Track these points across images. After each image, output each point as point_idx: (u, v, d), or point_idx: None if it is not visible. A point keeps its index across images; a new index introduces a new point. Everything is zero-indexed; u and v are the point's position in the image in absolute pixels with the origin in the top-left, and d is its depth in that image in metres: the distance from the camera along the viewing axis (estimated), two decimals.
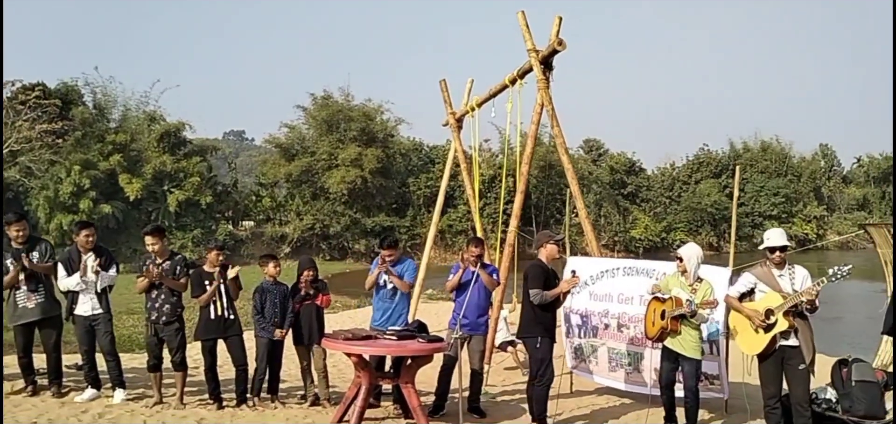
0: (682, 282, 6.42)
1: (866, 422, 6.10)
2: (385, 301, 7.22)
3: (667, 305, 6.35)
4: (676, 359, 6.39)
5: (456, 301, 7.23)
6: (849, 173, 69.19)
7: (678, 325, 6.27)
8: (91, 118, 42.01)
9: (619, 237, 51.60)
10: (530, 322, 6.45)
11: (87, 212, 36.48)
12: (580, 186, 9.24)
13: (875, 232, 7.46)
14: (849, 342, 9.91)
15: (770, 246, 5.90)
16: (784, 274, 5.83)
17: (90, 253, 7.02)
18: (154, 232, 7.09)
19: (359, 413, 6.16)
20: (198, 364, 8.03)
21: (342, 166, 46.14)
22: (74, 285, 6.99)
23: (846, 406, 6.27)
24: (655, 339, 6.51)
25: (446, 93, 12.43)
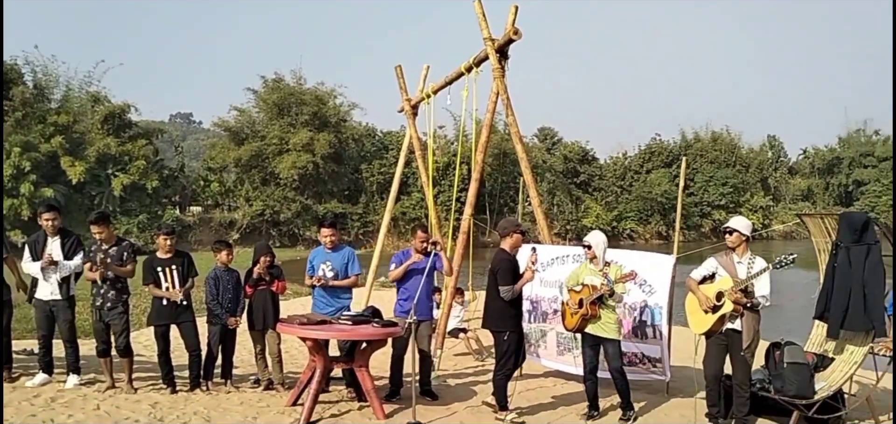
0: (593, 269, 6.68)
1: (796, 401, 6.40)
2: (328, 289, 7.25)
3: (582, 293, 6.61)
4: (597, 344, 6.66)
5: (401, 288, 7.34)
6: (795, 164, 71.21)
7: (597, 309, 6.54)
8: (31, 98, 40.32)
9: (571, 225, 52.33)
10: (500, 315, 6.53)
11: (28, 195, 35.32)
12: (534, 175, 9.41)
13: (810, 221, 7.69)
14: (787, 327, 10.33)
15: (725, 226, 6.32)
16: (743, 262, 6.15)
17: (56, 238, 6.96)
18: (99, 220, 6.96)
19: (313, 396, 6.24)
20: (152, 350, 7.97)
21: (293, 151, 45.44)
22: (35, 272, 6.92)
23: (778, 387, 6.59)
24: (576, 329, 6.76)
25: (402, 79, 12.47)
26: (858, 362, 6.58)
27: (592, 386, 6.78)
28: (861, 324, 6.40)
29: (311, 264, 7.37)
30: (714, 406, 6.29)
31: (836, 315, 6.57)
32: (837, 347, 6.88)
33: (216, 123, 50.50)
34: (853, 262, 6.45)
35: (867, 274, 6.35)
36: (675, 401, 7.45)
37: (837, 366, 6.82)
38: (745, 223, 6.34)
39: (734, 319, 6.07)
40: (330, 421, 6.26)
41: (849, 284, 6.45)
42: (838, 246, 6.67)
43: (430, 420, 6.26)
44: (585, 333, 6.69)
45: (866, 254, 6.38)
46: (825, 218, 7.35)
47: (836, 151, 67.90)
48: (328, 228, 7.34)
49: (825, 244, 7.23)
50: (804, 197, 64.96)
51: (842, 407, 6.62)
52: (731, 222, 6.33)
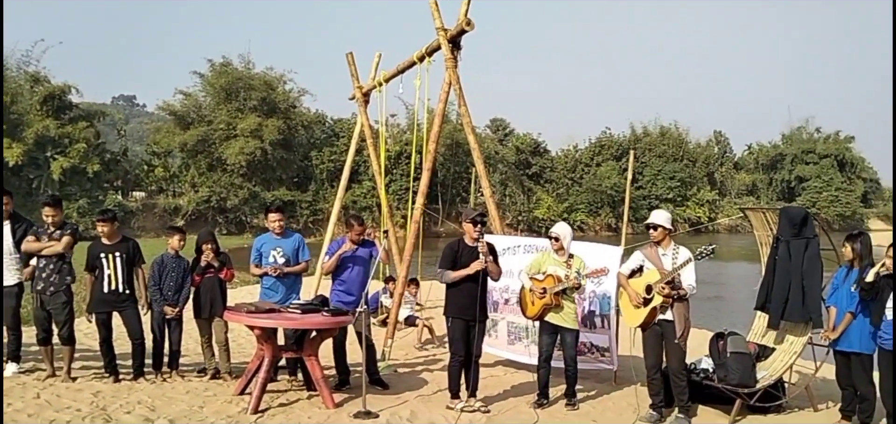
0: (557, 260, 6.76)
1: (739, 390, 6.59)
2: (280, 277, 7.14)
3: (546, 283, 6.69)
4: (555, 333, 6.76)
5: (336, 278, 7.26)
6: (740, 160, 73.03)
7: (560, 300, 6.63)
8: None
9: (522, 216, 52.80)
10: (445, 301, 6.58)
11: None
12: (486, 165, 9.43)
13: (753, 215, 7.95)
14: (730, 318, 10.64)
15: (648, 222, 6.47)
16: (667, 254, 6.28)
17: (7, 223, 6.78)
18: (53, 202, 6.84)
19: (261, 385, 6.14)
20: (92, 338, 7.76)
21: (241, 136, 44.64)
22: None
23: (721, 376, 6.79)
24: (536, 318, 6.84)
25: (353, 66, 12.34)
26: (798, 352, 6.85)
27: (545, 374, 6.88)
28: (800, 315, 6.67)
29: (259, 251, 7.23)
30: (656, 394, 6.41)
31: (777, 306, 6.84)
32: (778, 337, 7.14)
33: (161, 107, 49.22)
34: (793, 255, 6.71)
35: (806, 267, 6.63)
36: (623, 390, 7.58)
37: (778, 356, 7.08)
38: (666, 216, 6.49)
39: (665, 310, 6.20)
40: (278, 411, 6.17)
41: (788, 276, 6.72)
42: (779, 240, 6.93)
43: (380, 409, 6.22)
44: (545, 322, 6.77)
45: (805, 248, 6.66)
46: (767, 212, 7.59)
47: (779, 148, 70.10)
48: (276, 213, 7.24)
49: (767, 237, 7.46)
50: (749, 191, 66.76)
51: (782, 396, 6.88)
52: (653, 217, 6.44)
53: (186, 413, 5.96)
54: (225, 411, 6.05)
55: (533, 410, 6.63)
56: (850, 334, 6.09)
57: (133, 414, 5.83)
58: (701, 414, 6.74)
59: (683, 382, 6.31)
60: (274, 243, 7.19)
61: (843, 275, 6.30)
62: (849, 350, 6.13)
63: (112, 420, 5.66)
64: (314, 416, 6.06)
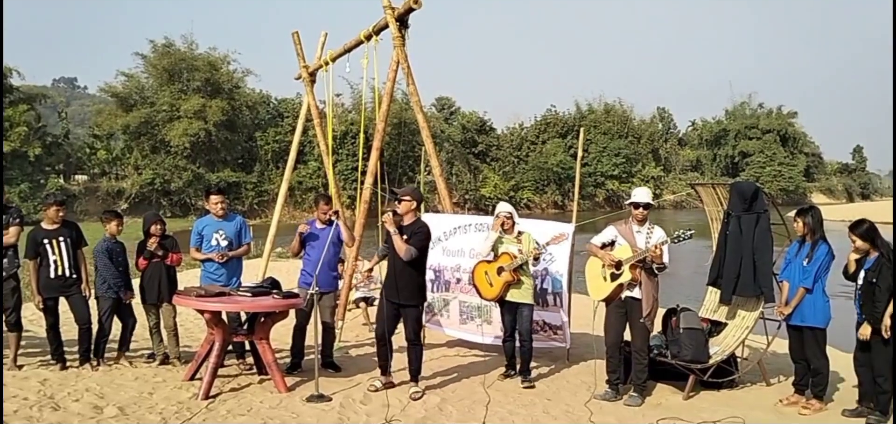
0: (509, 238, 6.82)
1: (692, 366, 6.64)
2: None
3: (502, 261, 6.73)
4: (514, 309, 6.82)
5: (305, 258, 7.25)
6: (684, 135, 74.55)
7: (519, 275, 6.70)
8: None
9: (469, 195, 53.06)
10: None
11: None
12: (433, 144, 9.42)
13: (703, 191, 7.96)
14: (681, 293, 10.81)
15: (633, 201, 6.44)
16: (642, 232, 6.31)
17: None
18: None
19: (212, 370, 6.03)
20: (37, 324, 7.60)
21: (184, 118, 43.96)
22: None
23: (675, 352, 6.83)
24: (497, 298, 6.88)
25: (299, 45, 12.11)
26: (750, 326, 6.93)
27: (510, 347, 6.98)
28: (751, 290, 6.73)
29: (200, 234, 7.12)
30: (613, 371, 6.47)
31: (729, 281, 6.87)
32: (730, 313, 7.20)
33: (103, 89, 48.44)
34: (744, 230, 6.75)
35: (757, 242, 6.67)
36: (576, 367, 7.65)
37: (730, 331, 7.15)
38: (648, 193, 6.55)
39: (633, 287, 6.24)
40: (230, 396, 6.07)
41: (740, 251, 6.75)
42: (730, 215, 6.96)
43: (333, 392, 6.19)
44: (504, 300, 6.82)
45: (756, 223, 6.70)
46: (717, 187, 7.62)
47: (722, 124, 71.70)
48: (218, 195, 7.20)
49: (717, 212, 7.51)
50: (693, 167, 68.30)
51: (735, 371, 6.96)
52: (638, 196, 6.44)
53: (136, 399, 5.82)
54: (175, 397, 5.93)
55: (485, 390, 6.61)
56: (803, 308, 6.12)
57: (81, 402, 5.68)
58: (654, 391, 6.80)
59: (645, 361, 6.36)
60: (216, 225, 7.09)
61: (794, 250, 6.34)
62: (802, 324, 6.16)
63: (60, 409, 5.51)
64: (266, 400, 5.98)
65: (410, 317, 6.31)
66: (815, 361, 6.16)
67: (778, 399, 6.55)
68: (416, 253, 6.15)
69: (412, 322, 6.33)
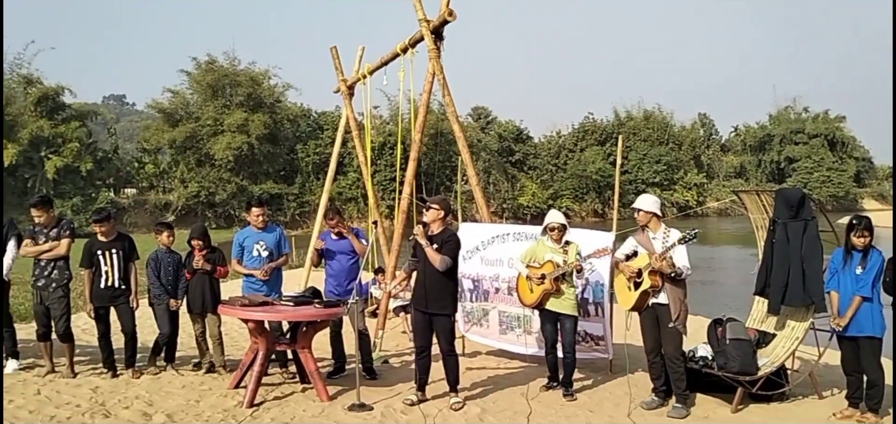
0: (555, 248, 6.77)
1: (740, 378, 6.43)
2: (261, 265, 7.18)
3: (544, 269, 6.69)
4: (556, 320, 6.76)
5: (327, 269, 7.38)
6: (727, 141, 72.34)
7: (559, 285, 6.65)
8: None
9: (507, 204, 52.84)
10: None
11: None
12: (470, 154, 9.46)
13: (747, 198, 7.72)
14: (725, 304, 10.58)
15: (634, 206, 6.47)
16: (657, 237, 6.26)
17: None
18: (40, 204, 6.88)
19: (256, 379, 6.13)
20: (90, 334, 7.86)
21: (228, 132, 44.97)
22: None
23: (721, 363, 6.60)
24: (535, 305, 6.84)
25: (337, 60, 12.31)
26: (800, 338, 6.66)
27: (553, 359, 6.91)
28: (801, 299, 6.48)
29: (241, 245, 7.28)
30: (658, 378, 6.37)
31: (777, 291, 6.64)
32: (778, 323, 6.96)
33: (150, 105, 49.83)
34: (791, 238, 6.53)
35: (805, 250, 6.43)
36: (619, 379, 7.52)
37: (779, 342, 6.90)
38: (649, 200, 6.47)
39: (658, 293, 6.16)
40: (273, 404, 6.16)
41: (787, 260, 6.53)
42: (776, 223, 6.74)
43: (374, 402, 6.22)
44: (545, 310, 6.77)
45: (804, 230, 6.49)
46: (761, 194, 7.42)
47: (766, 129, 69.39)
48: (259, 208, 7.35)
49: (762, 220, 7.30)
50: (737, 174, 66.36)
51: (785, 383, 6.72)
52: (636, 202, 6.46)
53: (183, 407, 5.97)
54: (221, 405, 6.05)
55: (527, 400, 6.57)
56: (860, 318, 5.86)
57: (131, 409, 5.87)
58: (701, 403, 6.62)
59: (681, 369, 6.23)
60: (256, 236, 7.24)
61: (840, 258, 6.08)
62: (859, 334, 5.90)
63: (111, 416, 5.69)
64: (309, 409, 6.06)
65: (443, 327, 6.25)
66: (871, 373, 5.92)
67: (831, 412, 6.31)
68: (451, 262, 6.15)
69: (445, 332, 6.27)
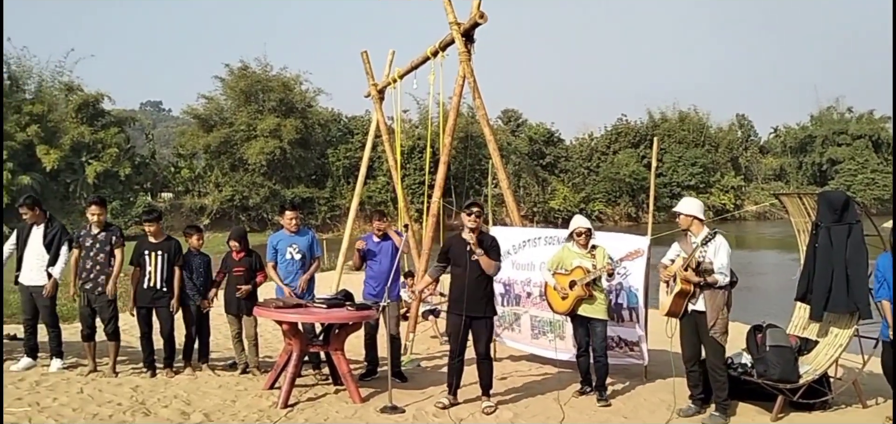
0: (582, 253, 6.71)
1: (781, 386, 6.25)
2: (294, 268, 7.29)
3: (574, 274, 6.63)
4: (587, 324, 6.71)
5: (367, 271, 7.45)
6: (765, 143, 70.50)
7: (592, 290, 6.60)
8: (7, 89, 40.64)
9: (538, 207, 52.51)
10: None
11: (5, 183, 35.80)
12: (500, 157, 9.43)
13: (788, 201, 7.54)
14: (766, 309, 10.33)
15: (675, 210, 6.34)
16: (697, 241, 6.07)
17: (40, 227, 7.09)
18: (100, 202, 7.12)
19: (290, 380, 6.20)
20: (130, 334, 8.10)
21: (261, 137, 45.58)
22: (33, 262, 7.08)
23: (761, 370, 6.43)
24: (569, 312, 6.78)
25: (368, 64, 12.39)
26: (843, 345, 6.45)
27: (585, 363, 6.85)
28: (845, 306, 6.29)
29: (275, 248, 7.36)
30: (694, 386, 6.26)
31: (819, 297, 6.45)
32: (821, 330, 6.78)
33: (185, 111, 50.76)
34: (834, 242, 6.34)
35: (849, 255, 6.24)
36: (654, 385, 7.42)
37: (822, 349, 6.70)
38: (691, 204, 6.30)
39: (696, 300, 6.02)
40: (307, 405, 6.21)
41: (831, 265, 6.34)
42: (818, 227, 6.56)
43: (406, 404, 6.23)
44: (576, 314, 6.73)
45: (848, 234, 6.29)
46: (804, 197, 7.23)
47: (808, 130, 66.94)
48: (292, 211, 7.46)
49: (805, 224, 7.12)
50: (777, 176, 64.55)
51: (828, 392, 6.49)
52: (677, 206, 6.33)
53: (220, 407, 6.07)
54: (256, 405, 6.14)
55: (560, 406, 6.52)
56: None
57: (170, 408, 6.00)
58: (740, 412, 6.47)
59: (723, 377, 6.06)
60: (289, 240, 7.34)
61: (886, 264, 5.88)
62: None
63: (151, 414, 5.81)
64: (342, 411, 6.10)
65: (482, 331, 6.23)
66: None
67: (876, 422, 6.16)
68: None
69: (484, 336, 6.26)
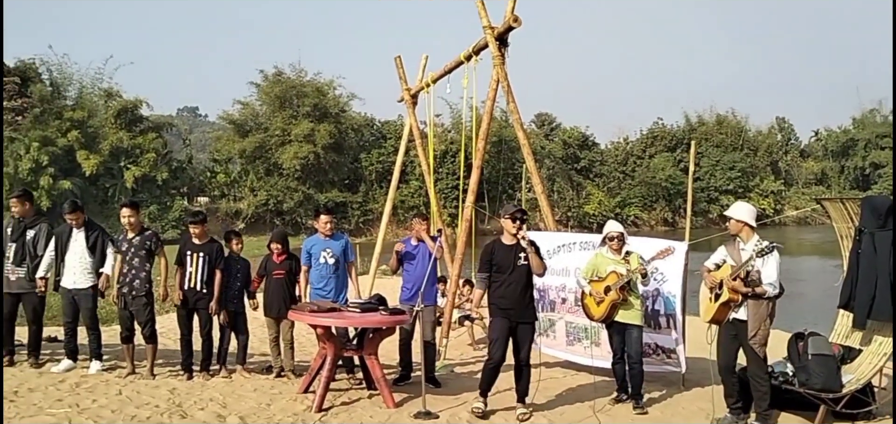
0: (616, 259, 6.62)
1: (823, 395, 6.05)
2: (327, 273, 7.29)
3: (608, 281, 6.54)
4: (623, 330, 6.62)
5: (404, 275, 7.44)
6: (806, 147, 69.09)
7: (626, 294, 6.50)
8: (48, 96, 41.97)
9: (572, 212, 52.17)
10: (489, 299, 6.38)
11: (47, 187, 36.61)
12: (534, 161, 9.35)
13: (830, 206, 7.33)
14: (807, 317, 10.10)
15: (725, 214, 6.18)
16: (747, 249, 5.91)
17: (81, 231, 7.21)
18: (132, 205, 7.23)
19: (324, 384, 6.22)
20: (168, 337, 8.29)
21: (295, 142, 46.16)
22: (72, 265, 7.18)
23: (802, 379, 6.25)
24: (604, 318, 6.67)
25: (401, 69, 12.42)
26: (888, 354, 6.23)
27: (621, 369, 6.74)
28: (889, 314, 6.07)
29: (309, 252, 7.37)
30: (730, 396, 6.12)
31: (863, 304, 6.25)
32: (864, 338, 6.56)
33: (221, 116, 52.16)
34: (878, 249, 6.13)
35: (895, 261, 6.03)
36: (692, 393, 7.28)
37: (865, 358, 6.48)
38: (741, 210, 6.12)
39: (738, 308, 5.87)
40: (341, 409, 6.23)
41: (874, 272, 6.14)
42: (862, 232, 6.36)
43: (440, 410, 6.20)
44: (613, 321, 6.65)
45: (893, 240, 6.08)
46: (846, 202, 7.01)
47: (850, 133, 65.28)
48: (327, 215, 7.43)
49: (847, 229, 6.89)
50: (818, 180, 63.20)
51: (872, 402, 6.27)
52: (728, 210, 6.17)
53: (255, 410, 6.13)
54: (291, 409, 6.18)
55: (595, 413, 6.43)
56: None
57: (206, 411, 6.06)
58: (781, 421, 6.32)
59: (765, 387, 5.90)
60: (323, 244, 7.33)
61: None
62: None
63: (187, 416, 5.89)
64: (376, 416, 6.11)
65: (527, 336, 6.20)
66: None
67: None
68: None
69: (528, 342, 6.23)
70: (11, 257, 7.24)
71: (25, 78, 41.71)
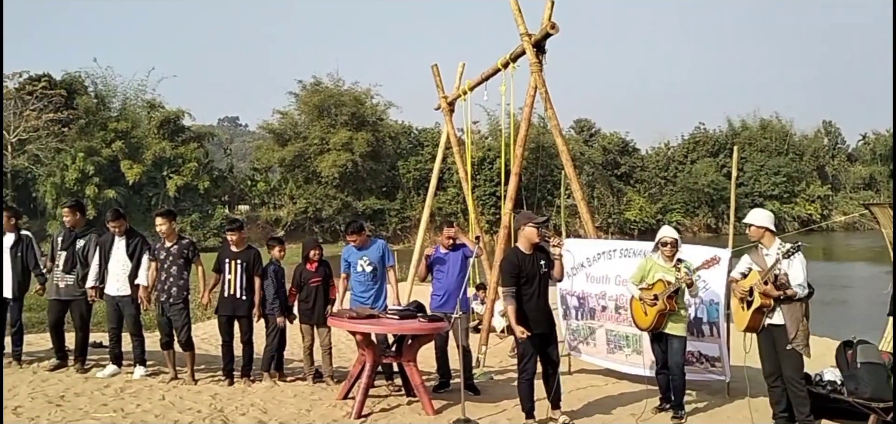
0: (667, 267, 6.48)
1: (873, 404, 5.94)
2: (365, 280, 7.30)
3: (655, 289, 6.41)
4: (665, 340, 6.49)
5: (434, 283, 7.43)
6: (854, 151, 67.07)
7: (674, 303, 6.38)
8: (93, 107, 43.17)
9: (613, 219, 51.55)
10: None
11: (92, 197, 37.62)
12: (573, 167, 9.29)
13: (879, 211, 7.25)
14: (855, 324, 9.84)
15: (745, 221, 6.12)
16: (771, 254, 5.85)
17: (122, 240, 7.36)
18: (165, 214, 7.32)
19: (364, 390, 6.25)
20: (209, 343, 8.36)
21: (333, 150, 46.66)
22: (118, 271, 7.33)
23: (851, 388, 6.14)
24: (652, 327, 6.51)
25: (438, 77, 12.48)
26: None
27: (665, 379, 6.62)
28: None
29: (347, 261, 7.41)
30: (777, 403, 5.99)
31: None
32: None
33: (261, 126, 52.82)
34: None
35: None
36: (737, 403, 7.12)
37: None
38: (760, 215, 6.05)
39: (772, 313, 5.77)
40: (380, 416, 6.26)
41: None
42: None
43: (479, 418, 6.18)
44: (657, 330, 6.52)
45: None
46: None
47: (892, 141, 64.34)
48: (353, 235, 7.32)
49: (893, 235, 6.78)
50: (866, 185, 61.36)
51: None
52: (747, 217, 6.10)
53: (295, 416, 6.20)
54: (330, 415, 6.23)
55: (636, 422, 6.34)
56: None
57: (247, 416, 6.14)
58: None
59: (802, 392, 5.80)
60: (359, 253, 7.34)
61: None
62: None
63: (229, 421, 5.98)
64: (415, 422, 6.13)
65: (554, 340, 6.16)
66: None
67: None
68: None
69: (556, 346, 6.19)
70: (61, 265, 7.44)
71: (71, 90, 43.02)
